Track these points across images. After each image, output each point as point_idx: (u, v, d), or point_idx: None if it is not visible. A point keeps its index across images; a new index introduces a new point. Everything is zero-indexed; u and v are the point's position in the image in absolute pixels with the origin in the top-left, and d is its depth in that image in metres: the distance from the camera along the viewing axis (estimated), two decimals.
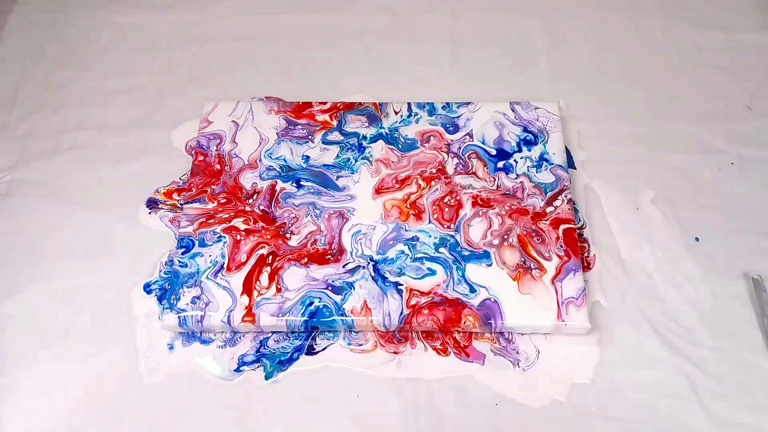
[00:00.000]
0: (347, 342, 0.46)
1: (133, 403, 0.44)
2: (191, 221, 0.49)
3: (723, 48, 0.62)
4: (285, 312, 0.45)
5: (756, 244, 0.50)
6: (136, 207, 0.52)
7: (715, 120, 0.57)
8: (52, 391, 0.44)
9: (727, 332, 0.46)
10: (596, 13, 0.65)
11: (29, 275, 0.49)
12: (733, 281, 0.48)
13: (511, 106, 0.55)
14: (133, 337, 0.46)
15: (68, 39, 0.64)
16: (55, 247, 0.51)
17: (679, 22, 0.64)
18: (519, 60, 0.62)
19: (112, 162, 0.55)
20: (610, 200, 0.53)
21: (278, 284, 0.46)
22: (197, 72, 0.61)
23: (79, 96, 0.60)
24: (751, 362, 0.45)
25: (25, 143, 0.56)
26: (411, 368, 0.45)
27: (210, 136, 0.54)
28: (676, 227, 0.51)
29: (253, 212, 0.50)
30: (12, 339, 0.47)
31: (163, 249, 0.50)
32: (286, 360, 0.45)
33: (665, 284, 0.48)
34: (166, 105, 0.59)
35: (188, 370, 0.45)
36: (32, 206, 0.53)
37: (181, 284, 0.46)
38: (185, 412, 0.44)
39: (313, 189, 0.51)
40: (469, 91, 0.60)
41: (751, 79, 0.60)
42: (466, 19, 0.65)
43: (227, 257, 0.47)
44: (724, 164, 0.55)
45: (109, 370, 0.45)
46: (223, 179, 0.51)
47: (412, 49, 0.62)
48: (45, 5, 0.67)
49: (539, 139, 0.53)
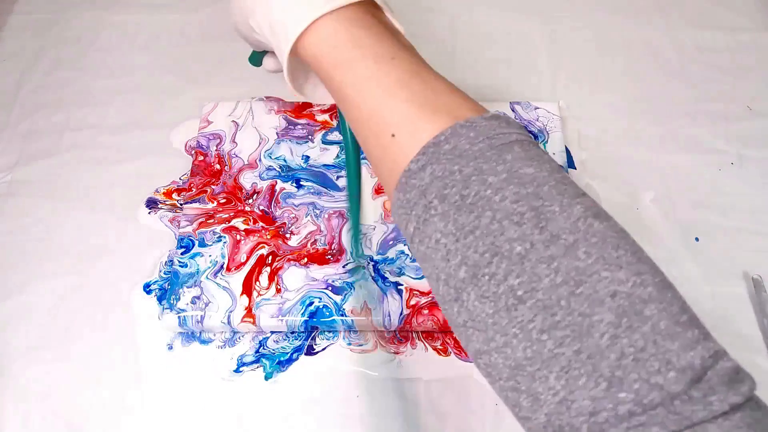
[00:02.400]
0: (347, 342, 0.46)
1: (133, 403, 0.44)
2: (191, 221, 0.49)
3: (723, 48, 0.62)
4: (285, 312, 0.45)
5: (756, 244, 0.50)
6: (136, 207, 0.52)
7: (715, 120, 0.57)
8: (52, 391, 0.44)
9: (727, 332, 0.46)
10: (596, 13, 0.65)
11: (29, 275, 0.49)
12: (733, 281, 0.48)
13: (511, 106, 0.55)
14: (133, 337, 0.46)
15: (68, 39, 0.64)
16: (55, 247, 0.51)
17: (679, 22, 0.65)
18: (519, 60, 0.62)
19: (112, 162, 0.55)
20: (610, 200, 0.53)
21: (278, 284, 0.46)
22: (197, 72, 0.61)
23: (79, 96, 0.60)
24: (751, 362, 0.45)
25: (25, 143, 0.56)
26: (411, 368, 0.45)
27: (210, 136, 0.54)
28: (676, 227, 0.51)
29: (252, 212, 0.50)
30: (12, 339, 0.47)
31: (163, 249, 0.50)
32: (286, 360, 0.45)
33: None
34: (166, 105, 0.59)
35: (188, 370, 0.45)
36: (32, 206, 0.53)
37: (181, 284, 0.46)
38: (185, 412, 0.44)
39: (313, 189, 0.51)
40: (469, 91, 0.60)
41: (751, 79, 0.60)
42: (466, 19, 0.65)
43: (227, 257, 0.47)
44: (724, 164, 0.55)
45: (109, 370, 0.45)
46: (223, 179, 0.51)
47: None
48: (45, 5, 0.67)
49: (539, 139, 0.53)
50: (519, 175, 0.29)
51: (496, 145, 0.30)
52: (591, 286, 0.26)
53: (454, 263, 0.29)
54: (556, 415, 0.26)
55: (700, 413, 0.24)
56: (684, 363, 0.25)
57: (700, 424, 0.24)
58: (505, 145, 0.30)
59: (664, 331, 0.25)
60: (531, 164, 0.30)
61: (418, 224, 0.30)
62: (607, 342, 0.25)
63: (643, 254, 0.29)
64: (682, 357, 0.25)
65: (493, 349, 0.28)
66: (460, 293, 0.29)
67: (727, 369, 0.25)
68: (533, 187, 0.29)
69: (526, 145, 0.31)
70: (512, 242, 0.28)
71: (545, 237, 0.27)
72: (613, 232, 0.28)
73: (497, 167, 0.29)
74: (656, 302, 0.26)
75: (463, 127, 0.30)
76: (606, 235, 0.28)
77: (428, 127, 0.31)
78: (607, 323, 0.26)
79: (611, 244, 0.27)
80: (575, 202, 0.28)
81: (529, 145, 0.31)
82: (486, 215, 0.28)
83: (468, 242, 0.29)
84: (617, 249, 0.27)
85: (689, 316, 0.26)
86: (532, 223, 0.28)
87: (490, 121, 0.31)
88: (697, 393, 0.24)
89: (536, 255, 0.27)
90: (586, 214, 0.28)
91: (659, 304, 0.26)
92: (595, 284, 0.26)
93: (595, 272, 0.26)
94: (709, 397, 0.24)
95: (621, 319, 0.26)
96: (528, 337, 0.27)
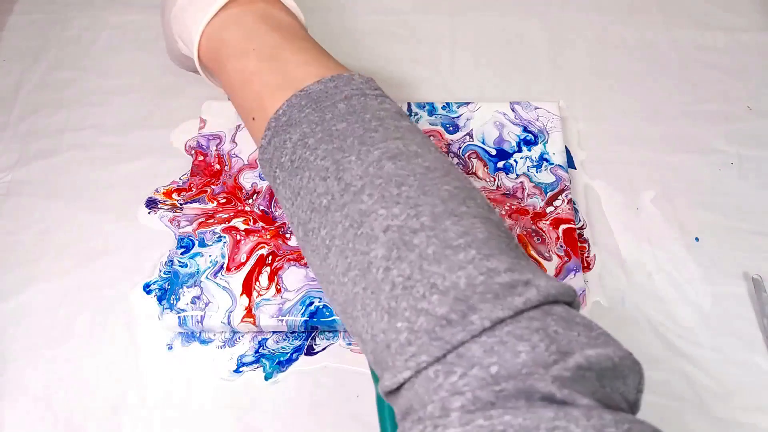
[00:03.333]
0: (347, 342, 0.46)
1: (133, 403, 0.44)
2: (191, 221, 0.49)
3: (723, 48, 0.62)
4: (285, 312, 0.45)
5: (756, 244, 0.50)
6: (136, 207, 0.52)
7: (715, 120, 0.57)
8: (52, 391, 0.44)
9: (727, 332, 0.46)
10: (596, 13, 0.65)
11: (29, 275, 0.49)
12: (733, 281, 0.48)
13: (511, 106, 0.55)
14: (132, 337, 0.46)
15: (68, 39, 0.64)
16: (55, 247, 0.51)
17: (679, 22, 0.65)
18: (519, 60, 0.62)
19: (112, 162, 0.55)
20: (610, 200, 0.53)
21: (278, 284, 0.46)
22: None
23: (79, 96, 0.60)
24: (751, 362, 0.45)
25: (25, 143, 0.56)
26: None
27: (209, 136, 0.54)
28: (676, 227, 0.51)
29: (252, 212, 0.50)
30: (12, 339, 0.47)
31: (163, 249, 0.50)
32: (286, 360, 0.45)
33: (665, 284, 0.48)
34: (166, 105, 0.59)
35: (187, 370, 0.45)
36: (32, 206, 0.53)
37: (181, 284, 0.46)
38: (185, 412, 0.44)
39: None
40: (469, 91, 0.60)
41: (751, 79, 0.60)
42: (466, 19, 0.65)
43: (227, 257, 0.47)
44: (724, 164, 0.55)
45: (109, 370, 0.45)
46: (222, 179, 0.51)
47: (412, 49, 0.62)
48: (45, 5, 0.67)
49: (539, 139, 0.53)
50: (330, 132, 0.31)
51: (321, 107, 0.32)
52: (369, 224, 0.27)
53: (294, 225, 0.32)
54: (376, 352, 0.27)
55: (459, 335, 0.23)
56: (448, 284, 0.24)
57: (462, 345, 0.23)
58: (329, 106, 0.32)
59: (431, 257, 0.25)
60: (346, 119, 0.31)
61: (275, 194, 0.34)
62: (381, 275, 0.26)
63: (438, 188, 0.28)
64: (447, 278, 0.24)
65: (331, 299, 0.30)
66: (304, 251, 0.32)
67: (500, 284, 0.24)
68: (339, 141, 0.30)
69: (354, 100, 0.32)
70: (321, 197, 0.29)
71: (341, 187, 0.29)
72: (405, 171, 0.29)
73: (316, 128, 0.31)
74: (427, 230, 0.26)
75: (298, 96, 0.33)
76: (393, 175, 0.29)
77: (273, 104, 0.33)
78: (381, 257, 0.26)
79: (395, 183, 0.28)
80: (374, 149, 0.30)
81: (358, 99, 0.33)
82: (305, 176, 0.30)
83: (298, 203, 0.31)
84: (400, 186, 0.28)
85: (471, 239, 0.26)
86: (333, 176, 0.29)
87: (326, 84, 0.33)
88: (455, 315, 0.24)
89: (335, 205, 0.29)
90: (381, 158, 0.29)
91: (430, 232, 0.26)
92: (371, 222, 0.27)
93: (373, 212, 0.27)
94: (470, 317, 0.23)
95: (391, 251, 0.26)
96: (339, 281, 0.28)
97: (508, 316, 0.23)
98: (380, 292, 0.26)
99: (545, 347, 0.23)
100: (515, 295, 0.24)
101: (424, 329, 0.24)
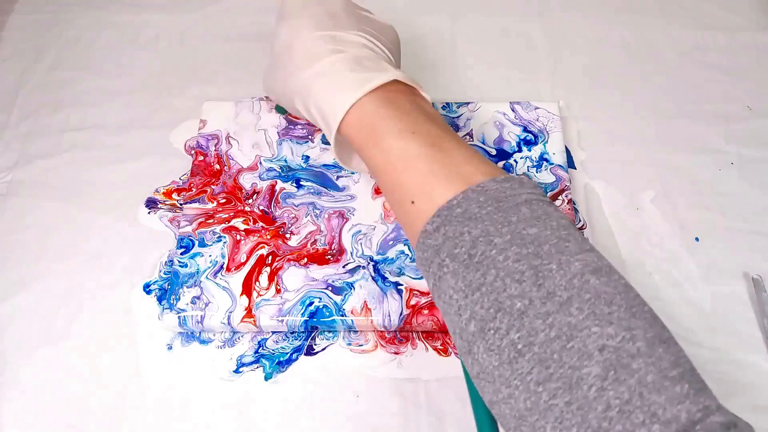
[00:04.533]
0: (347, 342, 0.46)
1: (133, 403, 0.44)
2: (191, 221, 0.49)
3: (723, 48, 0.62)
4: (285, 313, 0.45)
5: (756, 244, 0.50)
6: (136, 207, 0.52)
7: (715, 120, 0.57)
8: (52, 391, 0.44)
9: (727, 332, 0.46)
10: (596, 13, 0.66)
11: (29, 275, 0.49)
12: (733, 281, 0.48)
13: (511, 106, 0.55)
14: (132, 337, 0.46)
15: (68, 39, 0.64)
16: (55, 247, 0.51)
17: (679, 22, 0.65)
18: (519, 60, 0.62)
19: (112, 162, 0.55)
20: (610, 200, 0.53)
21: (278, 285, 0.46)
22: (197, 72, 0.61)
23: (79, 96, 0.60)
24: (751, 362, 0.45)
25: (25, 143, 0.56)
26: (411, 368, 0.45)
27: (209, 137, 0.54)
28: (676, 227, 0.51)
29: (252, 212, 0.50)
30: (12, 339, 0.46)
31: (162, 249, 0.50)
32: (286, 360, 0.45)
33: (665, 284, 0.48)
34: (166, 105, 0.59)
35: (187, 370, 0.45)
36: (32, 206, 0.53)
37: (181, 284, 0.46)
38: (185, 412, 0.44)
39: (313, 189, 0.51)
40: (469, 91, 0.60)
41: (751, 79, 0.60)
42: (466, 20, 0.65)
43: (227, 257, 0.47)
44: (724, 164, 0.55)
45: (109, 370, 0.45)
46: (222, 179, 0.51)
47: (412, 49, 0.62)
48: (45, 5, 0.67)
49: (539, 139, 0.53)
50: (522, 236, 0.31)
51: (503, 207, 0.32)
52: (581, 340, 0.27)
53: (465, 318, 0.31)
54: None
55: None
56: (669, 416, 0.25)
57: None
58: (512, 207, 0.32)
59: (650, 385, 0.26)
60: (535, 224, 0.31)
61: (435, 281, 0.33)
62: (594, 394, 0.26)
63: (642, 310, 0.29)
64: (668, 410, 0.25)
65: (500, 400, 0.30)
66: (471, 346, 0.31)
67: (717, 424, 0.25)
68: (534, 246, 0.30)
69: (534, 204, 0.33)
70: (513, 299, 0.29)
71: (542, 294, 0.29)
72: (610, 288, 0.29)
73: (502, 229, 0.31)
74: (644, 357, 0.27)
75: (474, 191, 0.33)
76: (600, 291, 0.29)
77: (443, 193, 0.33)
78: (595, 376, 0.26)
79: (604, 301, 0.29)
80: (574, 260, 0.30)
81: (538, 204, 0.33)
82: (491, 273, 0.30)
83: (475, 298, 0.30)
84: (610, 305, 0.28)
85: (682, 371, 0.27)
86: (531, 281, 0.29)
87: (501, 184, 0.33)
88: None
89: (534, 311, 0.29)
90: (584, 271, 0.30)
91: (647, 359, 0.27)
92: (585, 339, 0.27)
93: (585, 327, 0.28)
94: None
95: (608, 372, 0.26)
96: (527, 388, 0.28)
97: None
98: (590, 410, 0.26)
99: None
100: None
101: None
